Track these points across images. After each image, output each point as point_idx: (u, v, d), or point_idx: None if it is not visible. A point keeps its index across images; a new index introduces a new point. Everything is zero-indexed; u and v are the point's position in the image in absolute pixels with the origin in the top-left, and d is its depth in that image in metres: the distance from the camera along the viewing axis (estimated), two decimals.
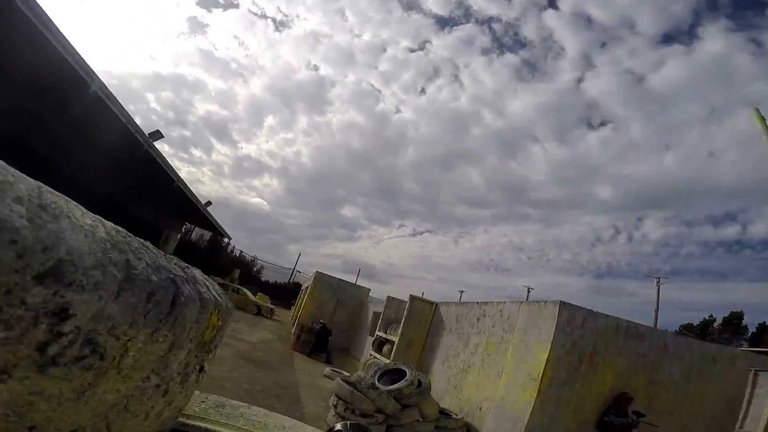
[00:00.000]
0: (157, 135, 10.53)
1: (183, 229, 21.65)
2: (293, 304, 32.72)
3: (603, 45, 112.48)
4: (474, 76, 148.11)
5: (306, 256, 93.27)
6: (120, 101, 8.03)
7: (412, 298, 9.46)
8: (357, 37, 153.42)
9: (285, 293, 34.52)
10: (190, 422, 0.82)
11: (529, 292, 29.86)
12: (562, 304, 5.03)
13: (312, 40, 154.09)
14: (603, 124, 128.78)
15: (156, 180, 12.65)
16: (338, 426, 0.77)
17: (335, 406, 5.13)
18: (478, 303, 7.27)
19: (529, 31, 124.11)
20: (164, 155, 10.78)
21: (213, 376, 4.91)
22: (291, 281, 37.72)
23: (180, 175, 12.65)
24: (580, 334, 5.02)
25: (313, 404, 5.66)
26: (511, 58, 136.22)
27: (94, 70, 6.95)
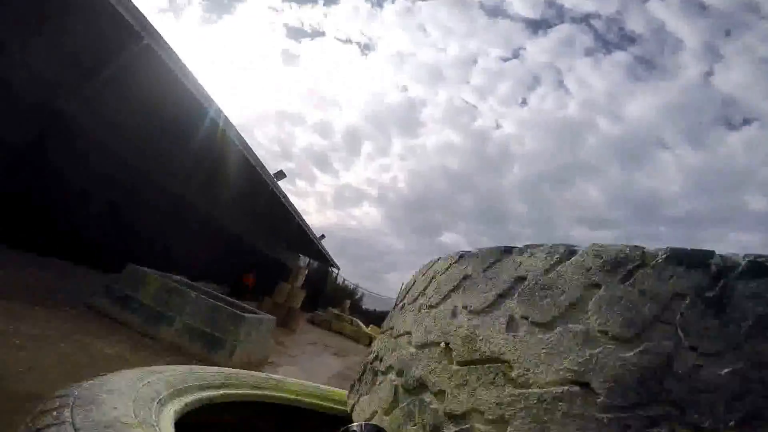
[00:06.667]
0: (281, 175, 10.75)
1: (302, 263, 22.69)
2: None
3: (727, 33, 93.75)
4: (581, 80, 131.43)
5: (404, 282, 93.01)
6: (248, 146, 7.99)
7: None
8: (442, 51, 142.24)
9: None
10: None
11: None
12: None
13: (397, 60, 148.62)
14: (746, 122, 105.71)
15: (277, 218, 13.06)
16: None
17: None
18: None
19: (635, 24, 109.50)
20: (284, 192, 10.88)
21: None
22: None
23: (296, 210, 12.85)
24: None
25: None
26: (620, 55, 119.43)
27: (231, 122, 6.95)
